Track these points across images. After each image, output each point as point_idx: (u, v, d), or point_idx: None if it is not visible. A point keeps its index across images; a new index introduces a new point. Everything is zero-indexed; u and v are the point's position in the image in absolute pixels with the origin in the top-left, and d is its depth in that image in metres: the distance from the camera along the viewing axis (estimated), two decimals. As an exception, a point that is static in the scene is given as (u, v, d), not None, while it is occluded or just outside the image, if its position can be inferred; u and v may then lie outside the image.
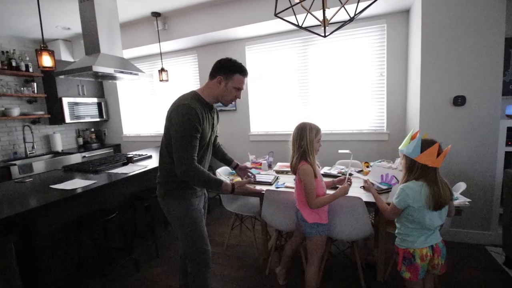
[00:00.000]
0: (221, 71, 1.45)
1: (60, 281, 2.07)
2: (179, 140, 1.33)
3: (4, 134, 3.69)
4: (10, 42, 3.78)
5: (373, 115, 3.17)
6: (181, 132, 1.33)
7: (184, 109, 1.34)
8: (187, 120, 1.33)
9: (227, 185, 1.46)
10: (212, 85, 1.48)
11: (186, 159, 1.33)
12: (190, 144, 1.34)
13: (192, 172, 1.35)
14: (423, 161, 1.33)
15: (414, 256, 1.38)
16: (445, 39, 2.33)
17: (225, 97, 1.49)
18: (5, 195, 2.02)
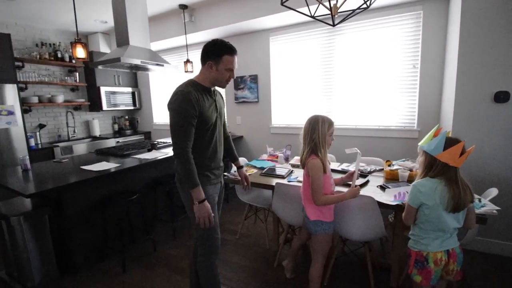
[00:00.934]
0: (209, 56, 1.43)
1: (87, 253, 2.30)
2: (174, 127, 1.39)
3: (50, 119, 4.13)
4: (57, 36, 4.17)
5: (403, 110, 2.95)
6: (176, 119, 1.38)
7: (178, 96, 1.38)
8: (181, 107, 1.36)
9: (199, 193, 1.41)
10: (204, 71, 1.48)
11: (179, 144, 1.38)
12: (185, 131, 1.38)
13: (182, 158, 1.38)
14: (444, 159, 1.24)
15: (427, 259, 1.30)
16: (487, 28, 2.06)
17: (219, 80, 1.48)
18: (44, 173, 2.28)
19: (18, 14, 3.49)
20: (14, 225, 1.95)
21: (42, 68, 3.99)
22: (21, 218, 1.96)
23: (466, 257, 2.20)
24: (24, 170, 2.35)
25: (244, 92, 3.89)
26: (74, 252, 2.22)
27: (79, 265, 2.25)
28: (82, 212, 2.25)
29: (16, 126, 3.27)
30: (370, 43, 2.98)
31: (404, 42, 2.82)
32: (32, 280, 2.03)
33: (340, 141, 3.28)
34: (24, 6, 3.25)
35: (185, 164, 1.38)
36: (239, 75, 3.89)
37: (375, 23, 2.92)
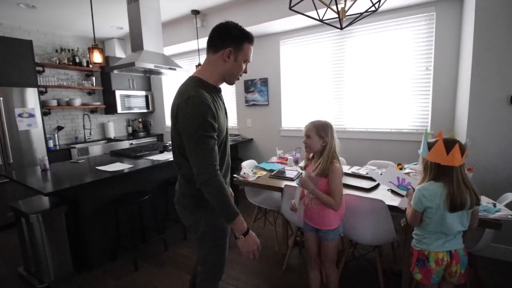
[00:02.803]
0: (230, 40, 1.12)
1: (101, 250, 2.37)
2: (195, 143, 1.07)
3: (68, 121, 4.29)
4: (75, 41, 4.35)
5: (415, 113, 2.90)
6: (196, 132, 1.06)
7: (194, 102, 1.06)
8: (200, 117, 1.05)
9: (242, 223, 1.15)
10: (216, 60, 1.16)
11: (207, 166, 1.07)
12: (208, 147, 1.08)
13: (215, 184, 1.09)
14: (432, 158, 1.27)
15: (428, 258, 1.31)
16: (503, 29, 2.01)
17: (234, 74, 1.20)
18: (61, 173, 2.38)
19: (39, 21, 3.67)
20: (33, 222, 2.04)
21: (61, 72, 4.16)
22: (39, 215, 2.05)
23: (481, 264, 2.14)
24: (43, 170, 2.46)
25: (255, 95, 3.93)
26: (88, 249, 2.29)
27: (93, 262, 2.32)
28: (97, 211, 2.33)
29: (36, 128, 3.42)
30: (381, 45, 2.96)
31: (417, 44, 2.78)
32: (48, 275, 2.11)
33: (351, 144, 3.26)
34: (45, 13, 3.41)
35: (219, 192, 1.09)
36: (249, 78, 3.93)
37: (386, 25, 2.90)
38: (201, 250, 1.33)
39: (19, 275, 2.26)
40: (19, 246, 2.31)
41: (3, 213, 3.14)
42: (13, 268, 2.36)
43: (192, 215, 1.27)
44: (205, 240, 1.28)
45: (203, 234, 1.27)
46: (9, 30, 3.67)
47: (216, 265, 1.36)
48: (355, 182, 2.11)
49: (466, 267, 1.33)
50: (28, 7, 3.17)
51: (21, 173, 2.43)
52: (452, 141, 1.25)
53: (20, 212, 2.11)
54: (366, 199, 1.72)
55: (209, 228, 1.26)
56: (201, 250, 1.33)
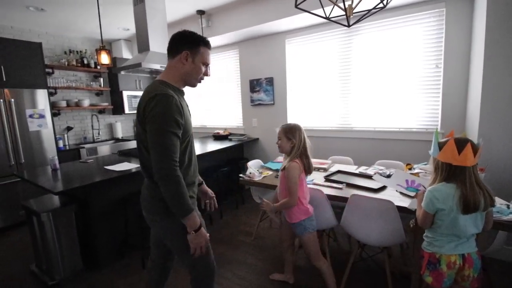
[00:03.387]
0: (186, 44, 1.20)
1: (109, 249, 2.40)
2: (160, 137, 1.09)
3: (77, 121, 4.37)
4: (83, 43, 4.41)
5: (424, 112, 2.84)
6: (160, 130, 1.09)
7: (159, 100, 1.09)
8: (166, 115, 1.09)
9: (195, 219, 1.16)
10: (175, 64, 1.22)
11: (165, 162, 1.09)
12: (172, 143, 1.10)
13: (175, 179, 1.10)
14: (444, 158, 1.23)
15: (439, 261, 1.28)
16: (519, 23, 1.95)
17: (194, 76, 1.25)
18: (71, 172, 2.42)
19: (48, 24, 3.73)
20: (44, 221, 2.08)
21: (70, 74, 4.23)
22: (50, 214, 2.09)
23: (493, 267, 2.09)
24: (53, 169, 2.50)
25: (260, 94, 3.92)
26: (97, 248, 2.32)
27: (102, 260, 2.35)
28: (105, 210, 2.36)
29: (46, 128, 3.48)
30: (389, 42, 2.91)
31: (426, 41, 2.73)
32: (59, 273, 2.15)
33: (358, 144, 3.22)
34: (54, 16, 3.47)
35: (176, 187, 1.10)
36: (255, 78, 3.92)
37: (394, 22, 2.85)
38: (185, 258, 1.28)
39: (31, 272, 2.31)
40: (30, 244, 2.36)
41: (15, 211, 3.21)
42: (25, 265, 2.42)
43: (167, 221, 1.23)
44: (187, 245, 1.20)
45: (184, 239, 1.19)
46: (19, 33, 3.75)
47: (207, 266, 1.34)
48: (362, 182, 2.09)
49: (479, 271, 1.29)
50: (37, 10, 3.23)
51: (32, 173, 2.48)
52: (464, 141, 1.21)
53: (31, 210, 2.15)
54: (374, 199, 1.70)
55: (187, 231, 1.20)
56: (186, 258, 1.28)
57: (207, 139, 4.16)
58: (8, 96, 3.14)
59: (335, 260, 2.24)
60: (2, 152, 3.12)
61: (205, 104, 4.67)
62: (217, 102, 4.52)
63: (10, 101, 3.16)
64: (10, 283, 2.21)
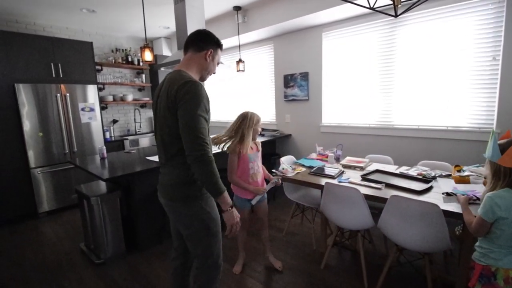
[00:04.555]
0: (211, 44, 1.32)
1: (149, 234, 2.56)
2: (193, 121, 1.14)
3: (122, 115, 4.71)
4: (128, 42, 4.72)
5: (477, 109, 2.58)
6: (194, 111, 1.14)
7: (196, 86, 1.16)
8: (200, 99, 1.16)
9: (228, 198, 1.22)
10: (199, 59, 1.31)
11: (201, 143, 1.14)
12: (203, 126, 1.17)
13: (207, 161, 1.14)
14: (507, 164, 1.10)
15: (495, 275, 1.15)
16: None
17: (209, 72, 1.38)
18: (116, 161, 2.62)
19: (98, 24, 4.05)
20: (93, 204, 2.29)
21: (116, 71, 4.57)
22: (98, 199, 2.29)
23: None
24: (102, 158, 2.73)
25: (294, 90, 3.86)
26: (138, 232, 2.50)
27: (142, 244, 2.52)
28: (146, 197, 2.52)
29: (95, 121, 3.80)
30: (438, 33, 2.67)
31: (482, 31, 2.46)
32: (104, 253, 2.35)
33: (399, 142, 3.04)
34: (103, 17, 3.75)
35: (211, 167, 1.16)
36: (289, 73, 3.87)
37: (445, 11, 2.61)
38: (197, 244, 1.32)
39: (81, 250, 2.56)
40: (81, 224, 2.61)
41: (68, 195, 3.57)
42: (75, 243, 2.69)
43: (186, 206, 1.27)
44: (202, 230, 1.29)
45: (200, 224, 1.28)
46: (73, 33, 4.12)
47: (218, 257, 1.37)
48: (403, 183, 1.96)
49: None
50: (89, 11, 3.51)
51: (84, 161, 2.73)
52: None
53: (83, 194, 2.38)
54: (417, 201, 1.59)
55: (206, 215, 1.28)
56: (198, 243, 1.31)
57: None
58: (64, 91, 3.48)
59: (369, 263, 2.15)
60: (58, 141, 3.48)
61: (237, 99, 4.73)
62: (251, 97, 4.56)
63: (66, 95, 3.50)
64: (62, 257, 2.47)
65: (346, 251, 2.42)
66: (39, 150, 3.34)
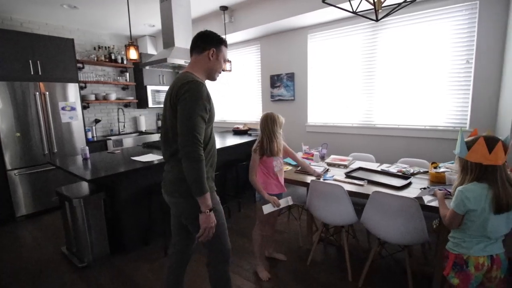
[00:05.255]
0: (212, 43, 1.36)
1: (135, 235, 2.52)
2: (189, 118, 1.19)
3: (104, 114, 4.58)
4: (111, 39, 4.61)
5: (452, 109, 2.73)
6: (191, 111, 1.19)
7: (192, 85, 1.21)
8: (197, 98, 1.20)
9: (209, 200, 1.25)
10: (202, 59, 1.36)
11: (192, 141, 1.18)
12: (199, 125, 1.20)
13: (195, 159, 1.18)
14: (474, 159, 1.19)
15: (467, 263, 1.24)
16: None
17: (217, 70, 1.41)
18: (100, 162, 2.55)
19: (80, 20, 3.93)
20: (75, 206, 2.22)
21: (98, 69, 4.44)
22: (81, 200, 2.23)
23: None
24: (84, 159, 2.66)
25: (280, 90, 3.92)
26: (123, 234, 2.45)
27: (127, 246, 2.48)
28: (131, 198, 2.48)
29: (76, 120, 3.69)
30: (417, 37, 2.81)
31: (456, 36, 2.61)
32: (88, 256, 2.29)
33: (380, 141, 3.16)
34: (85, 13, 3.65)
35: (198, 165, 1.19)
36: (275, 73, 3.92)
37: (423, 16, 2.75)
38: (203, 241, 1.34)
39: (62, 254, 2.48)
40: (62, 227, 2.53)
41: (47, 197, 3.44)
42: (57, 247, 2.60)
43: (188, 200, 1.28)
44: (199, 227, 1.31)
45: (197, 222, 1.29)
46: (53, 29, 3.97)
47: (222, 251, 1.42)
48: (384, 179, 2.05)
49: (506, 272, 1.26)
50: (71, 7, 3.41)
51: (65, 162, 2.64)
52: (493, 139, 1.18)
53: (64, 196, 2.30)
54: (397, 197, 1.67)
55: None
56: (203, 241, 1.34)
57: (226, 133, 4.23)
58: (43, 89, 3.35)
59: (353, 257, 2.23)
60: (37, 141, 3.35)
61: (225, 99, 4.74)
62: (237, 97, 4.57)
63: (45, 94, 3.37)
64: (43, 262, 2.38)
65: (331, 246, 2.49)
66: (16, 151, 3.20)
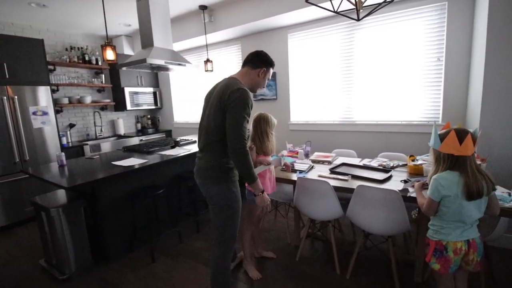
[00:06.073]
0: (265, 64, 1.65)
1: (118, 242, 2.44)
2: (239, 121, 1.44)
3: (79, 118, 4.37)
4: (84, 39, 4.40)
5: (426, 105, 2.88)
6: (242, 114, 1.44)
7: (242, 92, 1.46)
8: (246, 104, 1.45)
9: (260, 184, 1.54)
10: (252, 74, 1.63)
11: (241, 139, 1.44)
12: (245, 126, 1.46)
13: (244, 153, 1.45)
14: (445, 150, 1.28)
15: (446, 248, 1.33)
16: (520, 16, 1.98)
17: (260, 86, 1.69)
18: (78, 168, 2.44)
19: (49, 20, 3.72)
20: (53, 216, 2.11)
21: (71, 70, 4.22)
22: (60, 210, 2.12)
23: (494, 254, 2.15)
24: (61, 165, 2.52)
25: (263, 89, 3.92)
26: (106, 242, 2.36)
27: (111, 254, 2.39)
28: (114, 204, 2.39)
29: (49, 125, 3.49)
30: (392, 36, 2.93)
31: (428, 34, 2.75)
32: (69, 267, 2.18)
33: (361, 137, 3.27)
34: (56, 12, 3.46)
35: (248, 159, 1.46)
36: (257, 73, 3.94)
37: (397, 16, 2.87)
38: (220, 218, 1.58)
39: (41, 267, 2.34)
40: (38, 239, 2.39)
41: (20, 208, 3.23)
42: (34, 260, 2.45)
43: (216, 186, 1.55)
44: (226, 207, 1.56)
45: (226, 201, 1.56)
46: (20, 29, 3.73)
47: (234, 231, 1.62)
48: (367, 174, 2.13)
49: (482, 255, 1.35)
50: (39, 6, 3.21)
51: (39, 170, 2.50)
52: (464, 131, 1.27)
53: (40, 206, 2.18)
54: (380, 190, 1.74)
55: (231, 195, 1.56)
56: (221, 218, 1.58)
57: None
58: (11, 94, 3.14)
59: (340, 251, 2.30)
60: (7, 149, 3.13)
61: (206, 100, 4.68)
62: (219, 98, 4.53)
63: (13, 98, 3.15)
64: (21, 277, 2.24)
65: (318, 241, 2.55)
66: (-17, 160, 2.98)
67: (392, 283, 1.90)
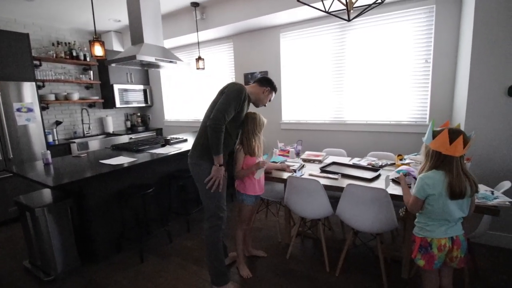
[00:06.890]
0: (270, 85, 2.00)
1: (106, 243, 2.39)
2: (225, 102, 1.73)
3: (66, 116, 4.26)
4: (72, 35, 4.28)
5: (414, 105, 2.95)
6: (228, 100, 1.74)
7: (239, 86, 1.80)
8: (237, 94, 1.76)
9: (221, 159, 1.76)
10: (259, 90, 1.98)
11: (220, 117, 1.70)
12: (229, 109, 1.73)
13: (218, 128, 1.69)
14: (435, 147, 1.31)
15: (431, 245, 1.36)
16: (502, 21, 2.05)
17: (262, 102, 2.03)
18: (65, 167, 2.38)
19: (35, 14, 3.60)
20: (38, 216, 2.05)
21: (58, 66, 4.11)
22: (45, 209, 2.06)
23: (478, 251, 2.23)
24: (46, 164, 2.45)
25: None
26: (94, 242, 2.31)
27: (99, 254, 2.34)
28: (101, 204, 2.34)
29: (34, 122, 3.39)
30: (382, 38, 2.98)
31: (416, 37, 2.81)
32: (55, 269, 2.13)
33: (351, 136, 3.31)
34: (42, 6, 3.35)
35: (219, 133, 1.70)
36: (249, 72, 3.93)
37: (387, 18, 2.92)
38: (204, 196, 1.82)
39: (25, 269, 2.28)
40: (22, 240, 2.32)
41: (4, 208, 3.13)
42: (18, 261, 2.38)
43: (198, 164, 1.82)
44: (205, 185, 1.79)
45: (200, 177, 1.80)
46: (4, 23, 3.60)
47: (218, 208, 1.83)
48: (356, 172, 2.16)
49: (466, 251, 1.39)
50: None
51: (23, 168, 2.42)
52: (457, 132, 1.28)
53: (24, 206, 2.11)
54: (369, 188, 1.77)
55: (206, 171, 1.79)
56: (205, 196, 1.82)
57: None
58: (-6, 89, 3.03)
59: (330, 249, 2.32)
60: (-11, 147, 3.02)
61: (199, 98, 4.64)
62: (212, 96, 4.49)
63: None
64: (3, 279, 2.17)
65: (308, 239, 2.57)
66: (-37, 158, 2.86)
67: (380, 280, 1.93)
